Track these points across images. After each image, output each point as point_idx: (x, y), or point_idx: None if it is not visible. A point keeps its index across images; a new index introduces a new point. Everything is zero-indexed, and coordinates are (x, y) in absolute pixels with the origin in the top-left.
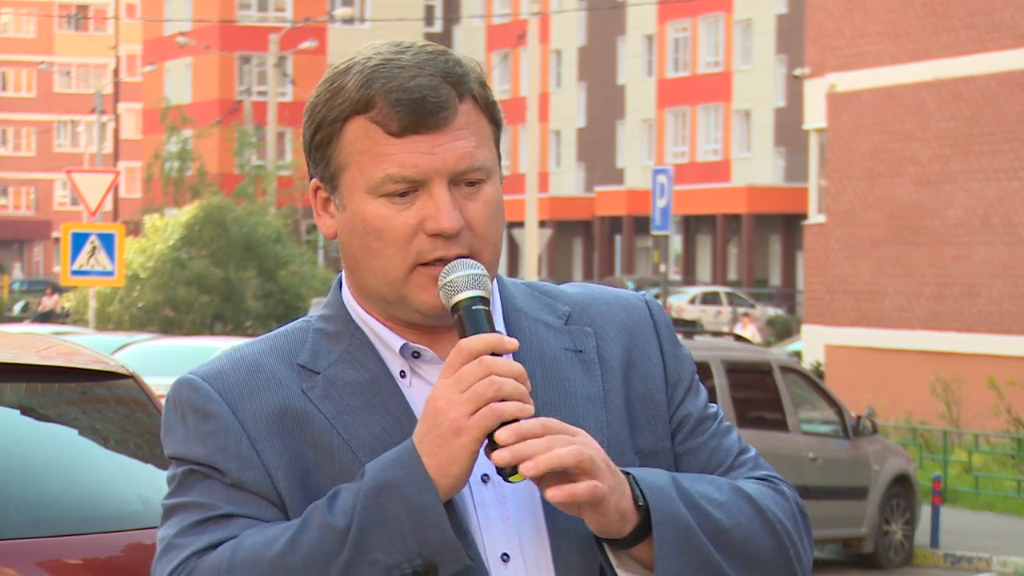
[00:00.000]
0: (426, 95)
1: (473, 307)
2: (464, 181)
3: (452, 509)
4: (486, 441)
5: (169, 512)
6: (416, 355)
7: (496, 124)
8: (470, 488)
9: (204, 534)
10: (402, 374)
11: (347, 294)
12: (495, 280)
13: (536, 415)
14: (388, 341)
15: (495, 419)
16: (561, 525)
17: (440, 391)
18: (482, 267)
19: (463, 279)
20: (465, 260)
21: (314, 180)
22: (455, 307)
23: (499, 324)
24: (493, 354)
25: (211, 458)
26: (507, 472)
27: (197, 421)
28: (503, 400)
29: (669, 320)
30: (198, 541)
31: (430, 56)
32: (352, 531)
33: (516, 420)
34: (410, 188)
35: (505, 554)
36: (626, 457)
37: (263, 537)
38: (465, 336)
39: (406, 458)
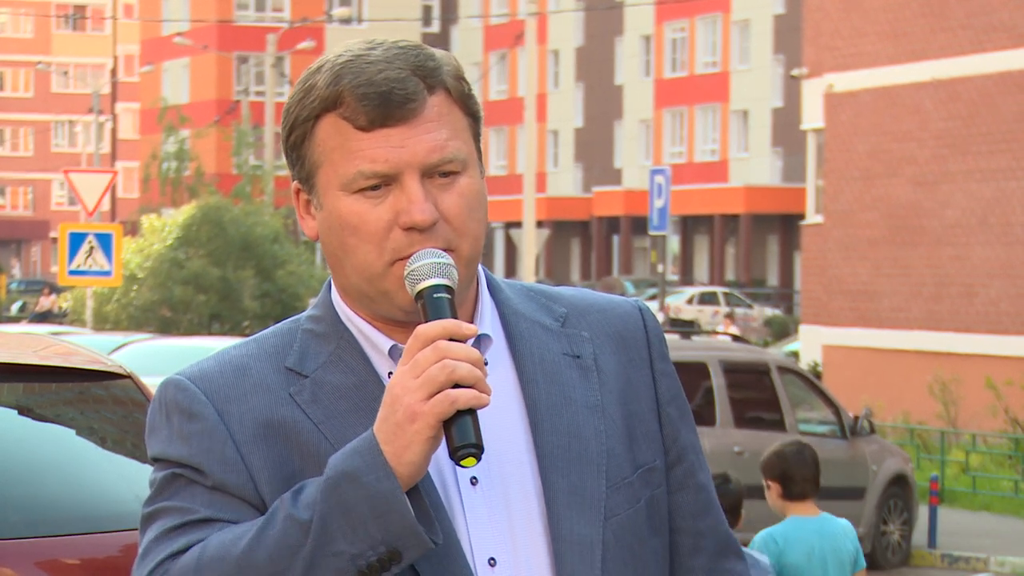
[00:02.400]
0: (393, 88)
1: (435, 295)
2: (438, 173)
3: (439, 512)
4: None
5: (149, 518)
6: None
7: (473, 117)
8: (459, 491)
9: (181, 537)
10: (390, 376)
11: (335, 295)
12: (485, 278)
13: (539, 420)
14: (376, 342)
15: (449, 405)
16: (565, 530)
17: (397, 378)
18: (448, 256)
19: (426, 267)
20: (431, 250)
21: (294, 183)
22: (418, 295)
23: (497, 327)
24: (453, 340)
25: (194, 459)
26: (458, 456)
27: (182, 421)
28: (458, 385)
29: (662, 332)
30: (174, 544)
31: (401, 51)
32: (314, 523)
33: (472, 409)
34: (382, 182)
35: (492, 558)
36: (624, 470)
37: (231, 534)
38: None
39: (365, 447)
